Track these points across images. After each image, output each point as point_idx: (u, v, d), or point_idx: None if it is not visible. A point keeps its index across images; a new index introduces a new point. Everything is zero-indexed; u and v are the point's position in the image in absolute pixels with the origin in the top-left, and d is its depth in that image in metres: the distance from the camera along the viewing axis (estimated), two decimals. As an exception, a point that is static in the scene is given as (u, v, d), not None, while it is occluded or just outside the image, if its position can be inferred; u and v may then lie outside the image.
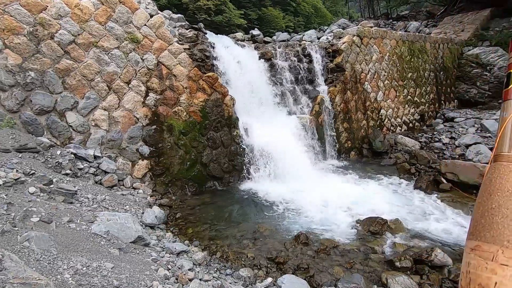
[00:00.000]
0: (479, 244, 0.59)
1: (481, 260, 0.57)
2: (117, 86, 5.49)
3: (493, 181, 0.69)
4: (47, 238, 2.46)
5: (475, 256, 0.59)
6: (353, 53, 9.05)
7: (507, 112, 0.98)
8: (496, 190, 0.69)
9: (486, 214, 0.64)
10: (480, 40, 14.02)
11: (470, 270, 0.59)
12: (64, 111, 4.99)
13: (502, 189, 0.79)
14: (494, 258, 0.57)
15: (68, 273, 2.20)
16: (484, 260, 0.57)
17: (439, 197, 5.64)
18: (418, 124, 11.32)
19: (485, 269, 0.56)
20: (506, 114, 0.98)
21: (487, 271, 0.56)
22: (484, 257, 0.57)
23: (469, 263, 0.60)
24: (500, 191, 0.78)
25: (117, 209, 4.16)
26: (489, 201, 0.66)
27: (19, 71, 4.62)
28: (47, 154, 4.51)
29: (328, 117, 8.30)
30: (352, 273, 3.44)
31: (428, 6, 23.34)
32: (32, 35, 4.74)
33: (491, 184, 0.69)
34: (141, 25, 5.80)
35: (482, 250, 0.58)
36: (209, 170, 6.28)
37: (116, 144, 5.42)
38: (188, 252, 3.69)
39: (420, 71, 11.41)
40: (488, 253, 0.57)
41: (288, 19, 23.79)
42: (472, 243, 0.62)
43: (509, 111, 0.98)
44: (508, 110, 0.98)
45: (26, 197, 3.27)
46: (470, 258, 0.61)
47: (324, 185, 6.27)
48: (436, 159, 7.66)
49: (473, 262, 0.59)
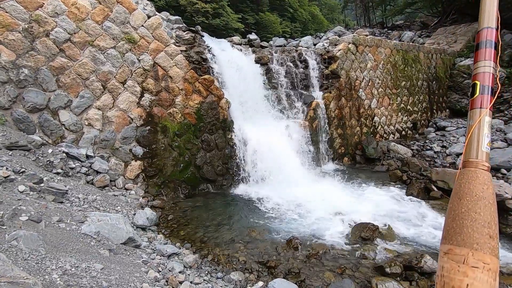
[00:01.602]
0: (451, 247, 0.62)
1: (454, 263, 0.59)
2: (112, 85, 5.46)
3: (462, 186, 0.73)
4: (36, 237, 2.42)
5: (448, 260, 0.62)
6: (348, 60, 9.17)
7: (473, 120, 1.06)
8: (465, 195, 0.72)
9: (457, 218, 0.67)
10: (471, 51, 14.34)
11: (444, 274, 0.61)
12: (57, 109, 4.93)
13: (470, 194, 0.83)
14: (465, 261, 0.59)
15: (56, 273, 2.17)
16: (456, 263, 0.59)
17: (430, 204, 5.71)
18: (410, 132, 11.48)
19: (458, 272, 0.59)
20: (472, 122, 1.05)
21: (459, 273, 0.59)
22: (456, 260, 0.59)
23: (443, 266, 0.62)
24: (468, 196, 0.82)
25: (108, 209, 4.12)
26: (459, 205, 0.70)
27: (12, 68, 4.57)
28: (38, 152, 4.45)
29: (323, 122, 8.37)
30: (342, 278, 3.45)
31: (423, 16, 23.85)
32: (27, 32, 4.69)
33: (460, 189, 0.73)
34: (138, 26, 5.80)
35: (454, 253, 0.60)
36: (203, 172, 6.26)
37: (109, 144, 5.37)
38: (179, 255, 3.67)
39: (413, 80, 11.61)
40: (460, 256, 0.59)
41: (285, 25, 24.00)
42: (445, 247, 0.64)
43: (474, 119, 1.05)
44: (473, 118, 1.06)
45: (15, 196, 3.22)
46: (444, 261, 0.63)
47: (317, 190, 6.30)
48: (428, 167, 7.77)
49: (446, 265, 0.61)
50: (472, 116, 1.07)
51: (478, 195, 0.82)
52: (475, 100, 1.07)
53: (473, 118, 1.05)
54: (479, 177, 0.89)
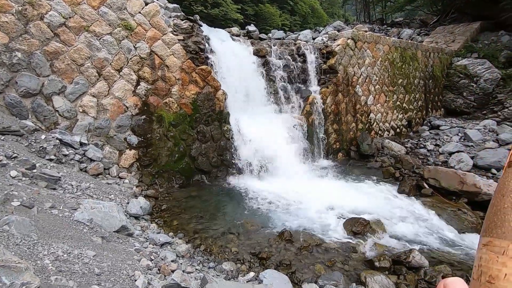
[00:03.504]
0: (491, 240, 0.66)
1: (493, 254, 0.63)
2: (108, 73, 5.38)
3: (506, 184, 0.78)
4: (28, 223, 2.41)
5: (487, 251, 0.66)
6: (347, 55, 9.15)
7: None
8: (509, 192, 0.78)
9: (499, 213, 0.71)
10: (469, 51, 14.42)
11: (482, 264, 0.66)
12: (51, 95, 4.86)
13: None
14: (505, 252, 0.63)
15: (48, 258, 2.17)
16: (495, 254, 0.63)
17: (421, 201, 5.81)
18: (405, 129, 11.58)
19: (496, 262, 0.63)
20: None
21: (498, 264, 0.63)
22: (496, 252, 0.63)
23: (481, 257, 0.67)
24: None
25: (102, 197, 4.11)
26: (501, 201, 0.75)
27: (5, 51, 4.46)
28: (31, 138, 4.39)
29: (319, 117, 8.38)
30: (333, 271, 3.52)
31: (422, 14, 23.80)
32: (20, 14, 4.58)
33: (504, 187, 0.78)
34: (135, 12, 5.69)
35: (493, 245, 0.64)
36: (197, 163, 6.26)
37: (104, 132, 5.32)
38: (172, 244, 3.69)
39: (410, 78, 11.65)
40: (499, 248, 0.63)
41: (284, 17, 23.77)
42: (485, 239, 0.69)
43: None
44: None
45: (7, 181, 3.19)
46: (482, 253, 0.68)
47: (310, 184, 6.35)
48: (420, 164, 7.87)
49: (484, 256, 0.66)
50: None
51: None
52: None
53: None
54: None
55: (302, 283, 3.29)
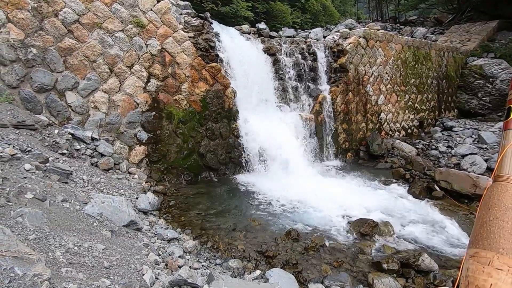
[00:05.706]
0: (477, 251, 0.67)
1: (479, 264, 0.65)
2: (119, 69, 5.45)
3: (491, 198, 0.81)
4: (40, 215, 2.47)
5: (473, 262, 0.67)
6: (358, 54, 9.03)
7: (507, 140, 1.21)
8: (494, 205, 0.81)
9: (485, 225, 0.73)
10: (485, 51, 14.03)
11: (469, 274, 0.67)
12: (64, 90, 4.95)
13: (499, 205, 0.94)
14: (490, 263, 0.65)
15: (59, 251, 2.22)
16: (482, 265, 0.64)
17: (431, 204, 5.70)
18: (416, 130, 11.37)
19: (482, 273, 0.64)
20: (506, 141, 1.21)
21: (484, 274, 0.64)
22: (482, 262, 0.64)
23: (468, 268, 0.69)
24: (497, 206, 0.93)
25: (112, 192, 4.17)
26: (487, 214, 0.77)
27: (21, 47, 4.57)
28: (44, 132, 4.49)
29: (328, 116, 8.31)
30: (339, 271, 3.49)
31: (437, 13, 23.28)
32: (36, 11, 4.68)
33: (490, 200, 0.81)
34: (147, 10, 5.74)
35: (480, 256, 0.66)
36: (206, 160, 6.29)
37: (115, 128, 5.40)
38: (180, 240, 3.72)
39: (423, 77, 11.42)
40: (485, 259, 0.64)
41: (295, 15, 23.56)
42: (472, 251, 0.70)
43: (508, 139, 1.20)
44: (507, 138, 1.22)
45: (21, 174, 3.27)
46: (469, 263, 0.69)
47: (319, 183, 6.31)
48: (431, 166, 7.72)
49: (471, 267, 0.67)
50: (506, 136, 1.23)
51: (507, 206, 0.94)
52: (509, 122, 1.24)
53: (507, 138, 1.21)
54: (509, 190, 1.02)
55: (308, 282, 3.28)
